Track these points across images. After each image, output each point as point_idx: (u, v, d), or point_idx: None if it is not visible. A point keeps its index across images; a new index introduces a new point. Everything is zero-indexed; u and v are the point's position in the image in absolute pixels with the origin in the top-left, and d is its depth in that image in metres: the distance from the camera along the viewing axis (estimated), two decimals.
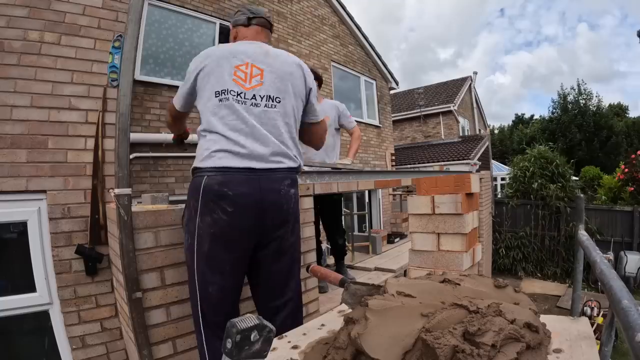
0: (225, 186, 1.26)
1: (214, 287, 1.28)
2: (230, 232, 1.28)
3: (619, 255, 7.32)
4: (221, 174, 1.28)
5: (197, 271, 1.28)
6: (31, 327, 1.99)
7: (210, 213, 1.26)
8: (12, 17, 1.90)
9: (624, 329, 0.52)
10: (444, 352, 0.64)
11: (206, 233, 1.26)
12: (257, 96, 1.36)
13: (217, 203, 1.26)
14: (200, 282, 1.28)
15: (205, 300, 1.28)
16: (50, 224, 1.95)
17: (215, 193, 1.26)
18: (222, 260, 1.29)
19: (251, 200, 1.29)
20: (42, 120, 1.95)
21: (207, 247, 1.27)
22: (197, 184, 1.29)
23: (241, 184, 1.28)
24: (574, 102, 22.35)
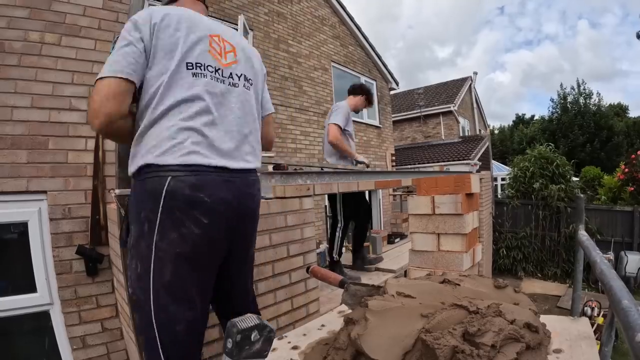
0: (200, 190, 0.97)
1: (182, 324, 0.96)
2: (202, 250, 1.00)
3: (619, 255, 7.31)
4: (194, 174, 0.97)
5: (155, 307, 0.94)
6: (32, 327, 1.99)
7: (176, 227, 0.96)
8: (12, 18, 1.90)
9: (624, 329, 0.52)
10: (444, 352, 0.64)
11: (169, 255, 0.95)
12: (234, 75, 1.12)
13: (188, 213, 0.96)
14: (160, 324, 0.95)
15: (171, 345, 0.95)
16: (50, 224, 1.95)
17: (185, 200, 0.96)
18: (189, 286, 0.99)
19: (228, 207, 1.03)
20: (42, 121, 1.96)
21: (170, 273, 0.95)
22: (153, 189, 0.95)
23: (219, 187, 1.01)
24: (574, 102, 22.34)
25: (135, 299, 0.99)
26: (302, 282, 1.98)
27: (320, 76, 7.11)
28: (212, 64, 1.07)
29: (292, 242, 1.94)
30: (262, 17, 5.87)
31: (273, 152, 5.63)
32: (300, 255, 1.99)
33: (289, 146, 6.17)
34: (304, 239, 2.02)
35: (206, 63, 1.05)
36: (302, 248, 2.00)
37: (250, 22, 5.57)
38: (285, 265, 1.88)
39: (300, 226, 2.00)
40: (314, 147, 6.73)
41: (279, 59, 6.11)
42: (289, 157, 6.08)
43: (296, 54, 6.53)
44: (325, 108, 7.11)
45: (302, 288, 1.99)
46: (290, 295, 1.90)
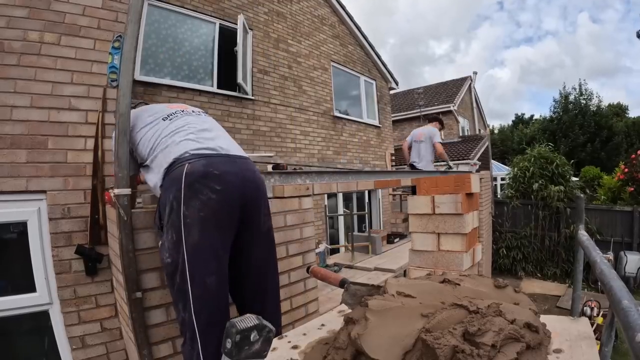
0: (210, 166, 1.27)
1: (211, 277, 1.21)
2: (221, 211, 1.26)
3: (618, 255, 7.31)
4: (204, 158, 1.29)
5: (189, 267, 1.19)
6: (31, 327, 1.99)
7: (197, 195, 1.23)
8: (12, 18, 1.90)
9: (624, 329, 0.52)
10: (444, 352, 0.64)
11: (195, 219, 1.21)
12: (191, 110, 1.57)
13: (204, 183, 1.24)
14: (193, 277, 1.19)
15: (202, 297, 1.19)
16: (50, 224, 1.95)
17: (201, 174, 1.25)
18: (215, 243, 1.25)
19: (235, 177, 1.32)
20: (42, 121, 1.95)
21: (198, 235, 1.21)
22: (176, 175, 1.26)
23: (224, 164, 1.32)
24: (574, 102, 22.35)
25: (172, 262, 1.22)
26: (301, 281, 1.98)
27: (320, 76, 7.10)
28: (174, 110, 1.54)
29: (291, 242, 1.94)
30: (261, 16, 5.87)
31: (272, 152, 5.64)
32: (300, 255, 1.99)
33: (289, 146, 6.17)
34: (303, 238, 2.02)
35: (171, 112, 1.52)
36: (301, 248, 2.00)
37: (249, 21, 5.57)
38: (285, 264, 1.88)
39: (300, 226, 2.00)
40: (313, 146, 6.72)
41: (278, 58, 6.11)
42: (288, 156, 6.08)
43: (296, 54, 6.52)
44: (325, 107, 7.11)
45: (302, 288, 1.99)
46: (289, 294, 1.90)
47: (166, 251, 1.24)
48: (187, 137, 1.38)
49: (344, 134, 7.60)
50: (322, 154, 6.92)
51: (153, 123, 1.47)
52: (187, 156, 1.29)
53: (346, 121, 7.73)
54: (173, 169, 1.29)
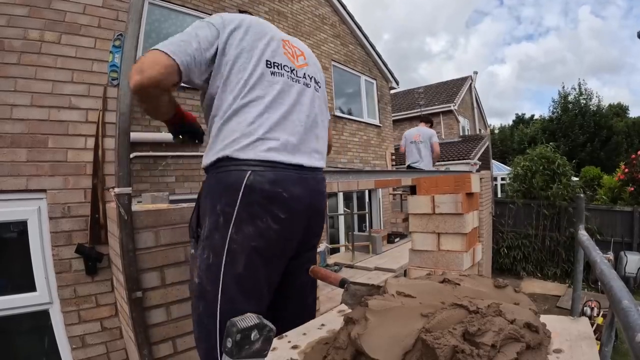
0: (278, 185, 0.99)
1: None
2: (279, 243, 1.03)
3: (619, 255, 7.31)
4: (272, 170, 1.00)
5: (222, 298, 0.97)
6: (31, 326, 1.99)
7: (253, 221, 0.98)
8: (12, 16, 1.89)
9: (624, 329, 0.52)
10: (444, 352, 0.64)
11: (243, 248, 0.98)
12: (307, 76, 1.15)
13: (267, 208, 0.98)
14: (224, 315, 0.96)
15: None
16: (50, 223, 1.95)
17: (266, 195, 0.98)
18: (260, 280, 1.01)
19: (302, 204, 1.06)
20: (42, 119, 1.95)
21: (243, 266, 0.98)
22: (232, 181, 0.98)
23: (294, 183, 1.03)
24: (574, 102, 22.33)
25: (202, 288, 1.00)
26: None
27: None
28: (288, 64, 1.11)
29: None
30: (262, 15, 5.86)
31: None
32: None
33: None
34: None
35: (283, 63, 1.10)
36: None
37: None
38: None
39: None
40: None
41: None
42: None
43: None
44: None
45: None
46: None
47: (197, 270, 1.03)
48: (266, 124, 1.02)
49: (344, 133, 7.60)
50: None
51: (249, 61, 1.04)
52: (254, 159, 0.99)
53: (347, 120, 7.72)
54: (230, 167, 1.00)
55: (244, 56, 1.04)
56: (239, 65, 1.04)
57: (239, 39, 1.05)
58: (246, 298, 0.99)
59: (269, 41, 1.09)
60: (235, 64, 1.03)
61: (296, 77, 1.12)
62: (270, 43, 1.09)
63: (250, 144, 1.00)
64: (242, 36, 1.05)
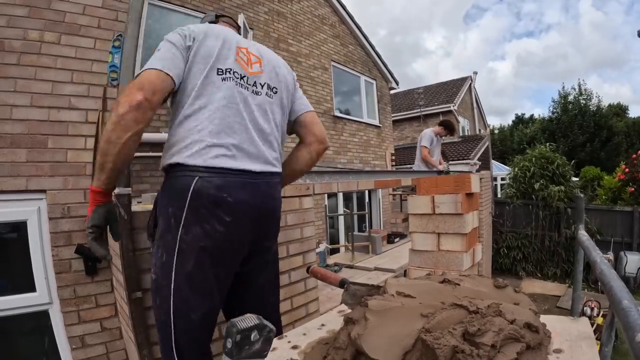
0: (223, 191, 1.05)
1: (197, 313, 1.06)
2: (225, 246, 1.08)
3: (619, 255, 7.31)
4: (218, 176, 1.06)
5: (175, 296, 1.04)
6: (31, 326, 1.99)
7: (200, 223, 1.04)
8: (12, 17, 1.89)
9: (624, 329, 0.52)
10: (444, 352, 0.64)
11: (192, 248, 1.04)
12: (258, 83, 1.20)
13: (213, 211, 1.05)
14: (177, 309, 1.04)
15: (184, 332, 1.05)
16: (50, 223, 1.95)
17: (211, 199, 1.04)
18: (209, 279, 1.07)
19: (251, 209, 1.11)
20: (42, 120, 1.95)
21: (192, 265, 1.04)
22: (182, 187, 1.04)
23: (241, 189, 1.09)
24: (574, 102, 22.35)
25: (157, 284, 1.08)
26: (301, 281, 1.98)
27: (320, 75, 7.10)
28: (239, 71, 1.16)
29: (292, 242, 1.94)
30: (262, 16, 5.86)
31: None
32: (300, 255, 1.99)
33: (289, 145, 6.13)
34: (304, 238, 2.02)
35: (233, 69, 1.15)
36: (301, 247, 2.00)
37: (250, 21, 5.56)
38: (285, 264, 1.88)
39: (300, 225, 1.99)
40: None
41: None
42: None
43: (296, 53, 6.52)
44: (325, 107, 7.10)
45: (302, 287, 1.99)
46: (289, 294, 1.90)
47: (154, 267, 1.10)
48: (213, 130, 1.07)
49: (344, 133, 7.60)
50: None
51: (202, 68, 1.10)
52: (202, 166, 1.05)
53: (346, 121, 7.73)
54: (179, 172, 1.07)
55: (198, 64, 1.11)
56: (193, 72, 1.10)
57: (195, 48, 1.11)
58: (196, 294, 1.06)
59: (222, 49, 1.15)
60: (190, 71, 1.10)
61: (246, 84, 1.17)
62: (222, 51, 1.15)
63: (199, 150, 1.06)
64: (199, 45, 1.12)
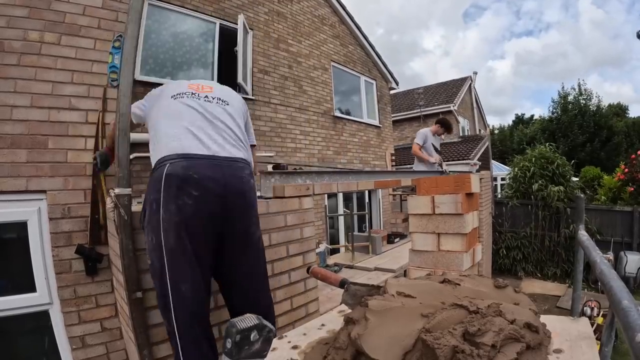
0: (189, 170, 1.24)
1: (186, 284, 1.21)
2: (196, 217, 1.23)
3: (618, 255, 7.31)
4: (185, 159, 1.26)
5: (168, 271, 1.19)
6: (31, 327, 1.99)
7: (174, 200, 1.21)
8: (12, 17, 1.90)
9: (624, 329, 0.52)
10: (444, 352, 0.64)
11: (171, 224, 1.20)
12: (209, 96, 1.49)
13: (182, 188, 1.22)
14: (171, 284, 1.19)
15: (179, 302, 1.19)
16: (50, 224, 1.95)
17: (180, 178, 1.22)
18: (188, 250, 1.22)
19: (216, 184, 1.27)
20: (42, 120, 1.95)
21: (173, 240, 1.20)
22: (158, 176, 1.25)
23: (206, 168, 1.27)
24: (574, 102, 22.34)
25: (153, 267, 1.23)
26: (301, 281, 1.98)
27: (320, 76, 7.10)
28: (190, 90, 1.47)
29: (292, 242, 1.94)
30: (261, 16, 5.86)
31: (273, 152, 5.64)
32: (300, 255, 1.99)
33: (289, 146, 6.16)
34: (304, 238, 2.02)
35: (184, 91, 1.46)
36: (301, 248, 2.00)
37: (250, 21, 5.56)
38: (285, 264, 1.88)
39: (300, 226, 2.00)
40: (313, 146, 6.72)
41: (279, 58, 6.11)
42: (288, 156, 6.08)
43: (296, 54, 6.52)
44: (325, 107, 7.10)
45: (302, 288, 1.99)
46: (289, 294, 1.90)
47: (148, 253, 1.26)
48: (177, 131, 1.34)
49: (344, 134, 7.60)
50: (322, 154, 6.91)
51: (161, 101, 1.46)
52: (171, 155, 1.27)
53: (346, 121, 7.72)
54: (157, 167, 1.29)
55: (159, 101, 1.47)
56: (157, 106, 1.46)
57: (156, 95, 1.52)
58: (181, 266, 1.20)
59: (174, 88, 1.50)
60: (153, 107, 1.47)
61: (197, 96, 1.45)
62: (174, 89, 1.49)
63: (166, 145, 1.30)
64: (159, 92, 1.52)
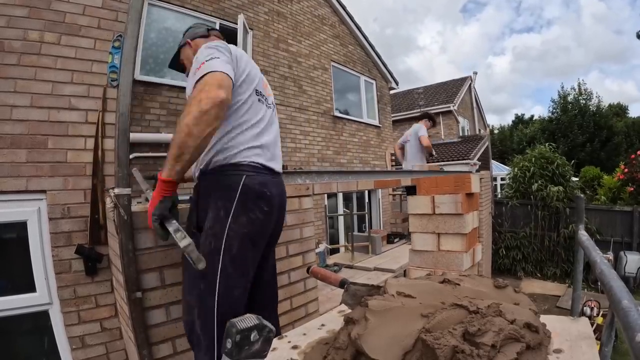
0: (265, 187, 1.30)
1: (239, 290, 1.26)
2: (262, 231, 1.33)
3: (618, 255, 7.31)
4: (259, 174, 1.31)
5: (221, 276, 1.21)
6: (31, 327, 1.99)
7: (247, 213, 1.25)
8: (12, 17, 1.89)
9: (624, 329, 0.52)
10: (444, 352, 0.64)
11: (238, 234, 1.23)
12: (272, 102, 1.50)
13: (256, 203, 1.28)
14: (223, 287, 1.22)
15: (228, 306, 1.22)
16: (50, 223, 1.94)
17: (256, 193, 1.27)
18: (248, 260, 1.29)
19: (278, 202, 1.38)
20: (42, 120, 1.95)
21: (237, 248, 1.24)
22: (232, 183, 1.25)
23: (273, 184, 1.36)
24: (574, 102, 22.35)
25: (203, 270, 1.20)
26: (301, 281, 1.98)
27: (320, 75, 7.10)
28: (265, 93, 1.44)
29: (291, 242, 1.94)
30: (261, 16, 5.86)
31: None
32: (300, 255, 1.99)
33: (289, 145, 6.17)
34: (303, 238, 2.02)
35: (263, 92, 1.43)
36: (301, 248, 2.00)
37: (250, 21, 5.56)
38: (285, 264, 1.88)
39: (300, 226, 2.00)
40: (313, 146, 6.72)
41: (278, 58, 6.11)
42: (288, 156, 6.08)
43: (296, 54, 6.52)
44: (325, 107, 7.10)
45: (302, 288, 1.99)
46: (289, 294, 1.90)
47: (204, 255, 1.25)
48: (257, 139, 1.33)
49: (344, 133, 7.60)
50: (322, 154, 6.92)
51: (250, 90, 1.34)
52: (247, 165, 1.28)
53: (346, 121, 7.72)
54: (228, 171, 1.27)
55: (246, 83, 1.32)
56: (242, 88, 1.31)
57: (243, 68, 1.32)
58: (238, 273, 1.25)
59: (259, 74, 1.42)
60: (240, 87, 1.31)
61: (268, 103, 1.44)
62: (258, 76, 1.40)
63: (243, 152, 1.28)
64: (245, 66, 1.33)
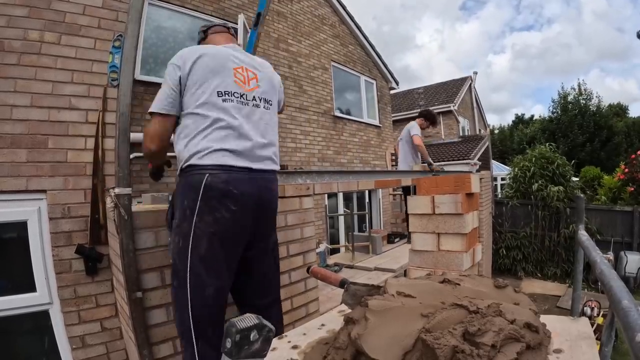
0: (230, 184, 1.26)
1: (210, 289, 1.25)
2: (231, 231, 1.28)
3: (619, 255, 7.31)
4: (225, 172, 1.27)
5: (191, 274, 1.23)
6: (31, 327, 1.99)
7: (212, 212, 1.24)
8: (12, 17, 1.90)
9: (624, 329, 0.52)
10: (444, 352, 0.64)
11: (204, 233, 1.24)
12: (257, 97, 1.42)
13: (221, 201, 1.25)
14: (194, 286, 1.23)
15: (200, 306, 1.23)
16: (50, 223, 1.95)
17: (219, 191, 1.25)
18: (219, 260, 1.27)
19: (252, 199, 1.32)
20: (42, 120, 1.95)
21: (205, 248, 1.24)
22: (195, 182, 1.25)
23: (244, 182, 1.30)
24: (574, 102, 22.34)
25: (175, 266, 1.27)
26: (301, 281, 1.98)
27: (320, 75, 7.10)
28: (238, 90, 1.37)
29: (292, 242, 1.94)
30: None
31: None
32: (300, 255, 1.99)
33: (289, 145, 6.16)
34: (304, 238, 2.02)
35: (232, 90, 1.35)
36: (301, 247, 2.00)
37: (250, 21, 5.56)
38: (285, 264, 1.88)
39: (300, 225, 2.00)
40: (313, 146, 6.72)
41: (279, 58, 6.10)
42: (288, 156, 6.08)
43: (296, 53, 6.52)
44: (325, 107, 7.10)
45: (302, 287, 1.99)
46: (289, 294, 1.90)
47: (171, 252, 1.31)
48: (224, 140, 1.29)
49: (344, 133, 7.60)
50: (323, 154, 6.91)
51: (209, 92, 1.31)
52: (212, 165, 1.26)
53: (346, 121, 7.72)
54: (193, 171, 1.27)
55: (195, 87, 1.31)
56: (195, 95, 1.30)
57: (188, 73, 1.31)
58: (209, 272, 1.25)
59: (220, 73, 1.34)
60: (193, 95, 1.31)
61: (245, 100, 1.38)
62: (220, 75, 1.34)
63: (208, 154, 1.26)
64: (191, 71, 1.31)
